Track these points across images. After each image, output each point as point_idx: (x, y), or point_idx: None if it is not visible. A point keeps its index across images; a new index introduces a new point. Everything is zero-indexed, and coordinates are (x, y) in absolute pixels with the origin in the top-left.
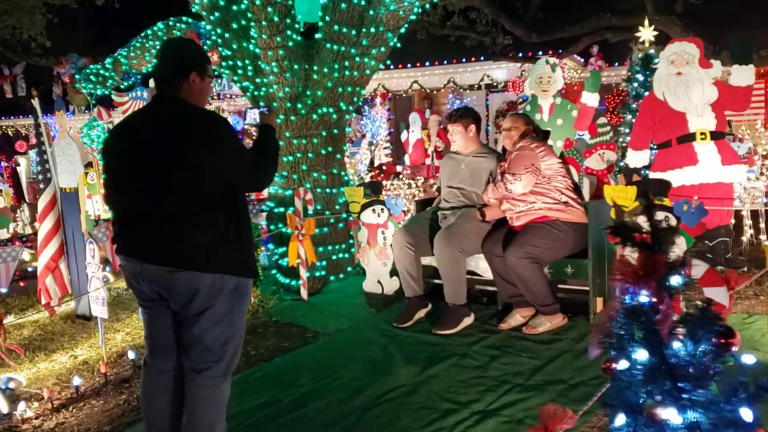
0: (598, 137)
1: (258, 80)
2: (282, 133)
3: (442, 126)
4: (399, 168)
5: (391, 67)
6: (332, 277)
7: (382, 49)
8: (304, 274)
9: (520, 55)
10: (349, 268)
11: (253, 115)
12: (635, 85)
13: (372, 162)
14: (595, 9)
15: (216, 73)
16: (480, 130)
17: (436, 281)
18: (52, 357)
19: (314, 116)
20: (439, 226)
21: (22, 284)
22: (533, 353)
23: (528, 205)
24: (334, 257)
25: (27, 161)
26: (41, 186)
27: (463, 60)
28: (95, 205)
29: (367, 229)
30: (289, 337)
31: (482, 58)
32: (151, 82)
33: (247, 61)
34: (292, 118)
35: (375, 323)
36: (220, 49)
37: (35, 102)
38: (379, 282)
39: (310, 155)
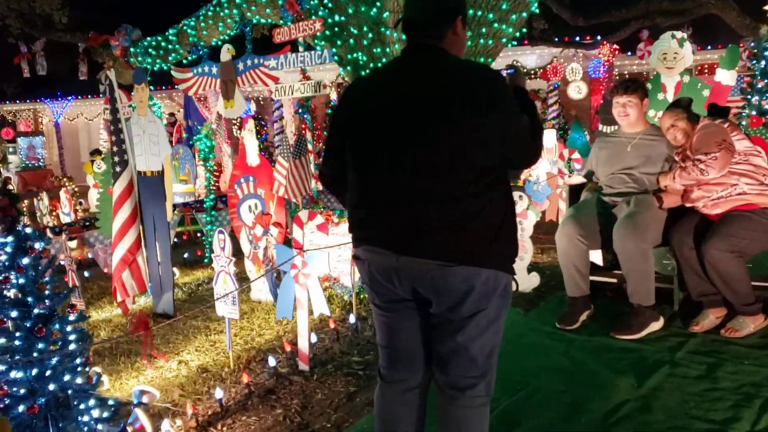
0: None
1: (376, 50)
2: None
3: None
4: None
5: None
6: None
7: (523, 14)
8: None
9: (556, 39)
10: None
11: None
12: (762, 64)
13: None
14: None
15: (304, 45)
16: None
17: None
18: (155, 363)
19: None
20: (610, 215)
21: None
22: (755, 360)
23: (728, 189)
24: None
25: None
26: (117, 169)
27: None
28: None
29: None
30: None
31: (514, 43)
32: (224, 55)
33: (365, 29)
34: None
35: (530, 324)
36: (322, 14)
37: (111, 74)
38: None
39: None
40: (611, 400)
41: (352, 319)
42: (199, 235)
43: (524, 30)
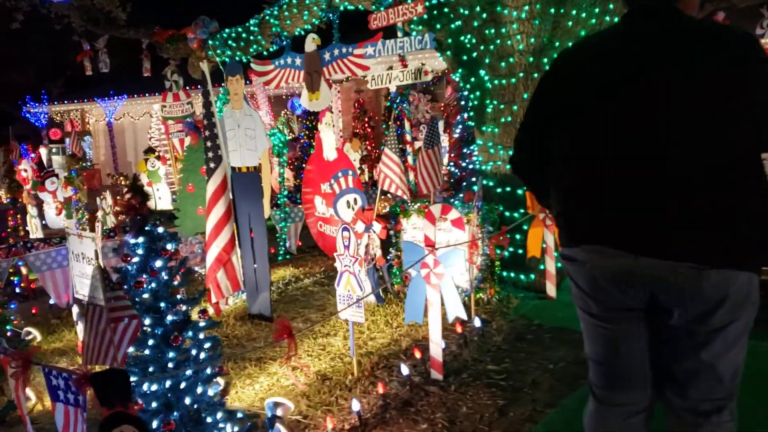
0: None
1: (488, 31)
2: (519, 96)
3: None
4: None
5: None
6: None
7: None
8: (552, 266)
9: None
10: None
11: None
12: None
13: None
14: None
15: (402, 30)
16: None
17: None
18: (266, 368)
19: None
20: None
21: None
22: None
23: None
24: None
25: (47, 151)
26: (211, 165)
27: None
28: (156, 194)
29: None
30: (574, 344)
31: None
32: (309, 46)
33: (477, 9)
34: (534, 75)
35: None
36: None
37: (204, 66)
38: None
39: None
40: None
41: (477, 322)
42: None
43: None
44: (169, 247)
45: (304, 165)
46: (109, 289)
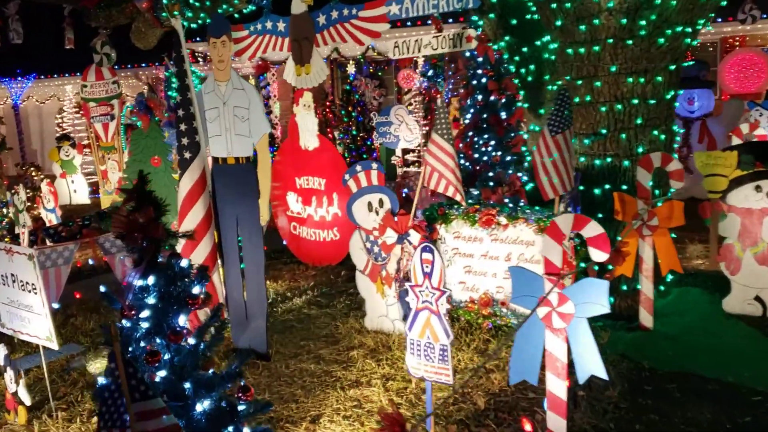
0: None
1: None
2: (604, 68)
3: None
4: None
5: None
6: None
7: None
8: (649, 288)
9: None
10: (669, 277)
11: None
12: None
13: None
14: None
15: None
16: None
17: None
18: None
19: (660, 40)
20: None
21: (77, 296)
22: None
23: None
24: None
25: None
26: (186, 155)
27: None
28: (71, 187)
29: (741, 216)
30: (717, 400)
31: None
32: (297, 7)
33: None
34: (628, 42)
35: None
36: None
37: (177, 23)
38: (758, 300)
39: (650, 102)
40: None
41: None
42: None
43: None
44: (196, 291)
45: None
46: (138, 396)
